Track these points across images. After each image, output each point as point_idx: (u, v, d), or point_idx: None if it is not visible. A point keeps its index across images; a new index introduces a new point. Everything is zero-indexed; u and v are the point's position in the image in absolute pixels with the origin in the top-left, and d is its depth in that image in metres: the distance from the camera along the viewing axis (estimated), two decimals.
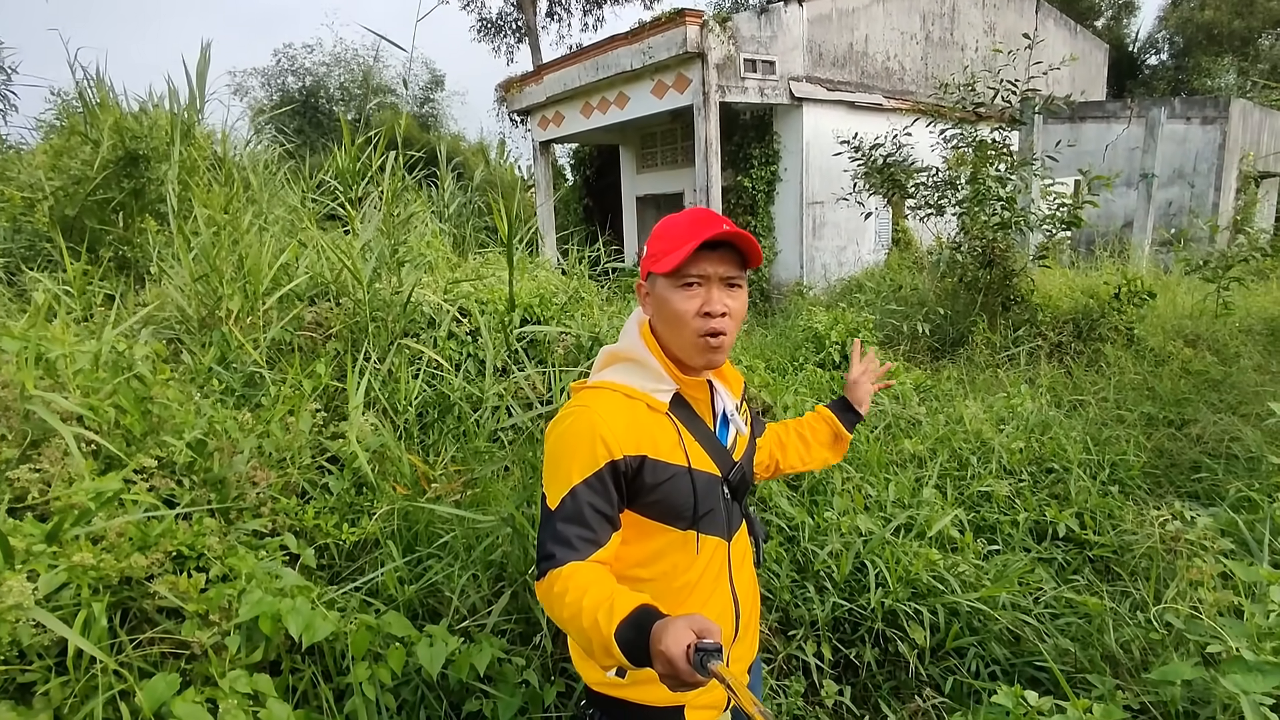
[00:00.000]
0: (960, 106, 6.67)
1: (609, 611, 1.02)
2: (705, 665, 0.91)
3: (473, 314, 3.82)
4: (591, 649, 1.05)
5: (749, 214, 10.58)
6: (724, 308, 1.24)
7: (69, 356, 2.47)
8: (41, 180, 5.36)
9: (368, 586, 2.24)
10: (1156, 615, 2.07)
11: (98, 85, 5.61)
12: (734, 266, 1.26)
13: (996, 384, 4.85)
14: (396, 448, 2.76)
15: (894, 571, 2.49)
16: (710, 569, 1.33)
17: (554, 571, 1.14)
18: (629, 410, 1.25)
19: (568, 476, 1.20)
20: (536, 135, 12.82)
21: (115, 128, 5.15)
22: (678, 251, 1.21)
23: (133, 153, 5.18)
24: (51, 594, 1.82)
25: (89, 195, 5.20)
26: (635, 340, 1.33)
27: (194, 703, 1.66)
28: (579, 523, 1.17)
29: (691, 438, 1.30)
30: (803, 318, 5.44)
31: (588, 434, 1.21)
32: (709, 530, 1.32)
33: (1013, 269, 6.13)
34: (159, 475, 2.36)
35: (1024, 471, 3.53)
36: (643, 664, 0.99)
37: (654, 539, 1.29)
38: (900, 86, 11.27)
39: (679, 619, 0.96)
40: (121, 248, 5.14)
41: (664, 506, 1.26)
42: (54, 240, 5.13)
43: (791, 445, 1.71)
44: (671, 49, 9.14)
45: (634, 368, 1.31)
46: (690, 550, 1.30)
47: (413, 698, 1.95)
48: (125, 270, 5.01)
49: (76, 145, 5.39)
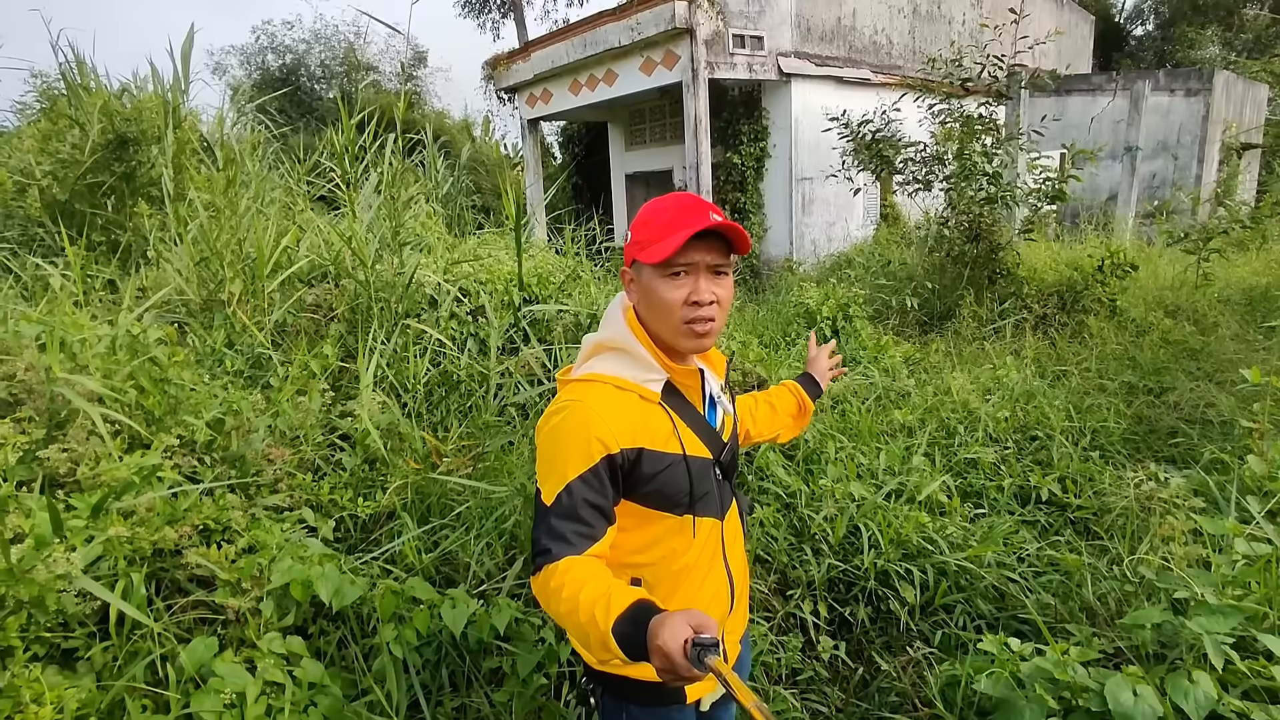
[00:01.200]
0: (947, 81, 6.73)
1: (606, 607, 1.02)
2: (702, 660, 0.91)
3: (473, 294, 3.90)
4: (589, 643, 1.05)
5: (738, 190, 10.64)
6: (712, 296, 1.24)
7: (88, 340, 2.55)
8: (31, 165, 5.33)
9: (385, 556, 2.35)
10: (1129, 568, 2.21)
11: (79, 67, 5.58)
12: (721, 254, 1.25)
13: (983, 356, 4.98)
14: (407, 425, 2.85)
15: (885, 534, 2.62)
16: (706, 549, 1.36)
17: (550, 566, 1.13)
18: (622, 403, 1.25)
19: (563, 472, 1.19)
20: (524, 113, 12.77)
21: (104, 111, 5.13)
22: (666, 241, 1.20)
23: (122, 136, 5.16)
24: (89, 566, 1.92)
25: (79, 179, 5.18)
26: (622, 329, 1.31)
27: (234, 663, 1.77)
28: (574, 518, 1.17)
29: (685, 425, 1.31)
30: (794, 294, 5.54)
31: (582, 429, 1.20)
32: (704, 512, 1.34)
33: (999, 243, 6.25)
34: (180, 453, 2.45)
35: (1009, 439, 3.67)
36: (639, 658, 0.99)
37: (652, 526, 1.30)
38: (888, 62, 11.30)
39: (676, 614, 0.96)
40: (114, 231, 5.15)
41: (662, 495, 1.27)
42: (46, 225, 5.14)
43: (762, 416, 1.75)
44: (660, 25, 9.12)
45: (623, 358, 1.29)
46: (687, 534, 1.32)
47: (434, 657, 2.07)
48: (119, 254, 5.03)
49: (64, 129, 5.36)
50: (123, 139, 5.18)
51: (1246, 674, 1.63)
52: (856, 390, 4.00)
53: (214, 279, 4.00)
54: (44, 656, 1.80)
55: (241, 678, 1.72)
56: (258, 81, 21.49)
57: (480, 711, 2.01)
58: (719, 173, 10.61)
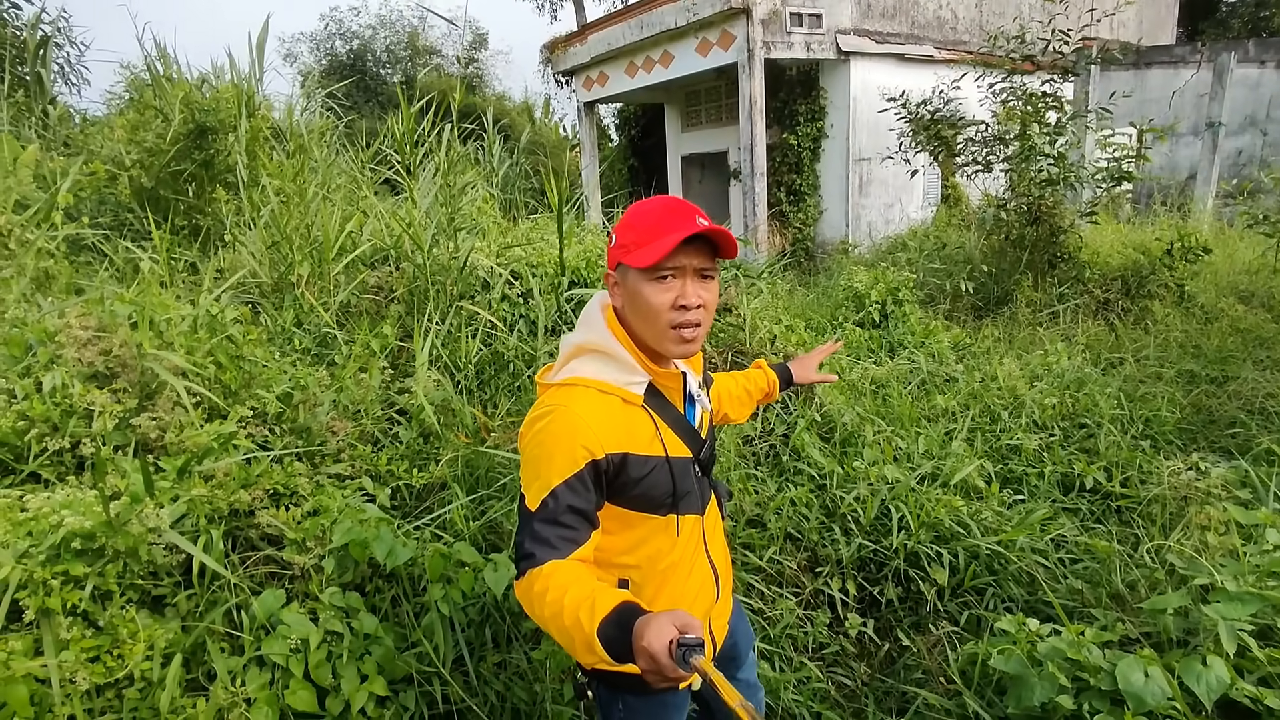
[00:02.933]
0: (1010, 58, 6.53)
1: (590, 610, 1.02)
2: (688, 660, 0.91)
3: (524, 277, 4.05)
4: (574, 646, 1.05)
5: (794, 172, 10.54)
6: (699, 300, 1.24)
7: (172, 320, 2.79)
8: (122, 154, 5.69)
9: (436, 522, 2.52)
10: (1153, 553, 2.21)
11: (163, 59, 5.92)
12: (707, 258, 1.25)
13: (1036, 342, 4.89)
14: (458, 401, 3.02)
15: (916, 516, 2.66)
16: (690, 545, 1.39)
17: (534, 571, 1.13)
18: (606, 407, 1.25)
19: (547, 477, 1.19)
20: (581, 96, 12.87)
21: (185, 101, 5.45)
22: (655, 245, 1.20)
23: (201, 125, 5.47)
24: (175, 523, 2.14)
25: (164, 167, 5.52)
26: (603, 331, 1.30)
27: (299, 613, 1.96)
28: (558, 523, 1.17)
29: (666, 426, 1.32)
30: (843, 277, 5.53)
31: (567, 434, 1.20)
32: (686, 510, 1.36)
33: (1060, 225, 6.07)
34: (254, 424, 2.68)
35: (1055, 426, 3.63)
36: (625, 660, 0.99)
37: (637, 528, 1.32)
38: (952, 38, 10.96)
39: (661, 615, 0.97)
40: (196, 217, 5.49)
41: (646, 497, 1.29)
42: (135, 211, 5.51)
43: (736, 398, 1.79)
44: (716, 5, 9.07)
45: (604, 360, 1.29)
46: (671, 533, 1.34)
47: (478, 617, 2.23)
48: (198, 238, 5.37)
49: (150, 119, 5.72)
50: (202, 128, 5.49)
51: (1263, 661, 1.64)
52: (900, 375, 4.00)
53: (284, 262, 4.25)
54: (137, 601, 2.03)
55: (305, 627, 1.91)
56: (326, 68, 22.20)
57: (519, 668, 2.16)
58: (774, 154, 10.53)
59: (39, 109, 7.46)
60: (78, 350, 2.53)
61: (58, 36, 9.11)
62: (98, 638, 1.83)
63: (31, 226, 3.55)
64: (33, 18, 8.77)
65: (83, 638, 1.81)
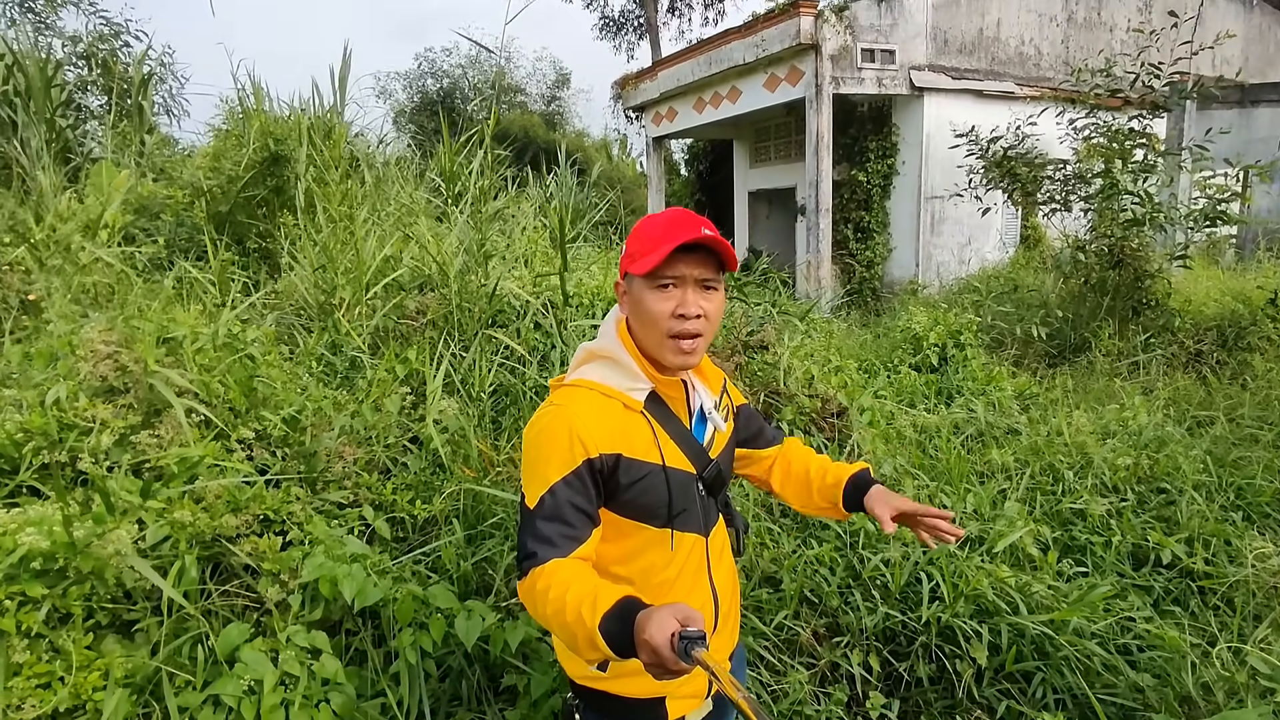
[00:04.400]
0: (1095, 93, 6.15)
1: (593, 605, 1.03)
2: (689, 653, 0.91)
3: (559, 306, 3.95)
4: (576, 643, 1.05)
5: (863, 209, 10.23)
6: (699, 310, 1.24)
7: (191, 336, 2.79)
8: (200, 179, 5.95)
9: (431, 560, 2.40)
10: (1226, 653, 1.86)
11: (255, 92, 6.21)
12: (710, 269, 1.25)
13: (1113, 395, 4.46)
14: (470, 432, 2.91)
15: (951, 584, 2.37)
16: (689, 565, 1.34)
17: (536, 569, 1.14)
18: (604, 408, 1.26)
19: (545, 475, 1.20)
20: (650, 131, 12.95)
21: (261, 130, 5.68)
22: (654, 253, 1.21)
23: (276, 153, 5.68)
24: (157, 544, 2.08)
25: (239, 192, 5.75)
26: (613, 339, 1.33)
27: (259, 651, 1.85)
28: (559, 520, 1.17)
29: (667, 436, 1.30)
30: (901, 318, 5.22)
31: (564, 432, 1.21)
32: (685, 527, 1.32)
33: (1146, 269, 5.60)
34: (257, 446, 2.63)
35: (1129, 490, 3.25)
36: (627, 655, 0.99)
37: (630, 537, 1.29)
38: (1035, 73, 10.51)
39: (663, 608, 0.97)
40: (264, 241, 5.68)
41: (639, 505, 1.27)
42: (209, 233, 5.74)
43: (796, 484, 1.56)
44: (785, 41, 8.98)
45: (611, 366, 1.31)
46: (666, 547, 1.30)
47: (458, 666, 2.08)
48: (267, 261, 5.54)
49: (231, 147, 5.99)
50: (276, 156, 5.70)
51: None
52: (953, 424, 3.68)
53: (328, 285, 4.30)
54: (107, 625, 1.97)
55: (263, 667, 1.80)
56: (417, 104, 23.29)
57: None
58: (842, 190, 10.26)
59: (137, 138, 7.94)
60: (95, 364, 2.55)
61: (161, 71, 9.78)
62: (53, 663, 1.77)
63: (85, 241, 3.70)
64: (139, 55, 9.44)
65: (39, 661, 1.75)
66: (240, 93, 6.25)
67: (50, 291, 3.31)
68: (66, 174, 6.16)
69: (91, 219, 3.97)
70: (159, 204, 6.00)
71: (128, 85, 8.79)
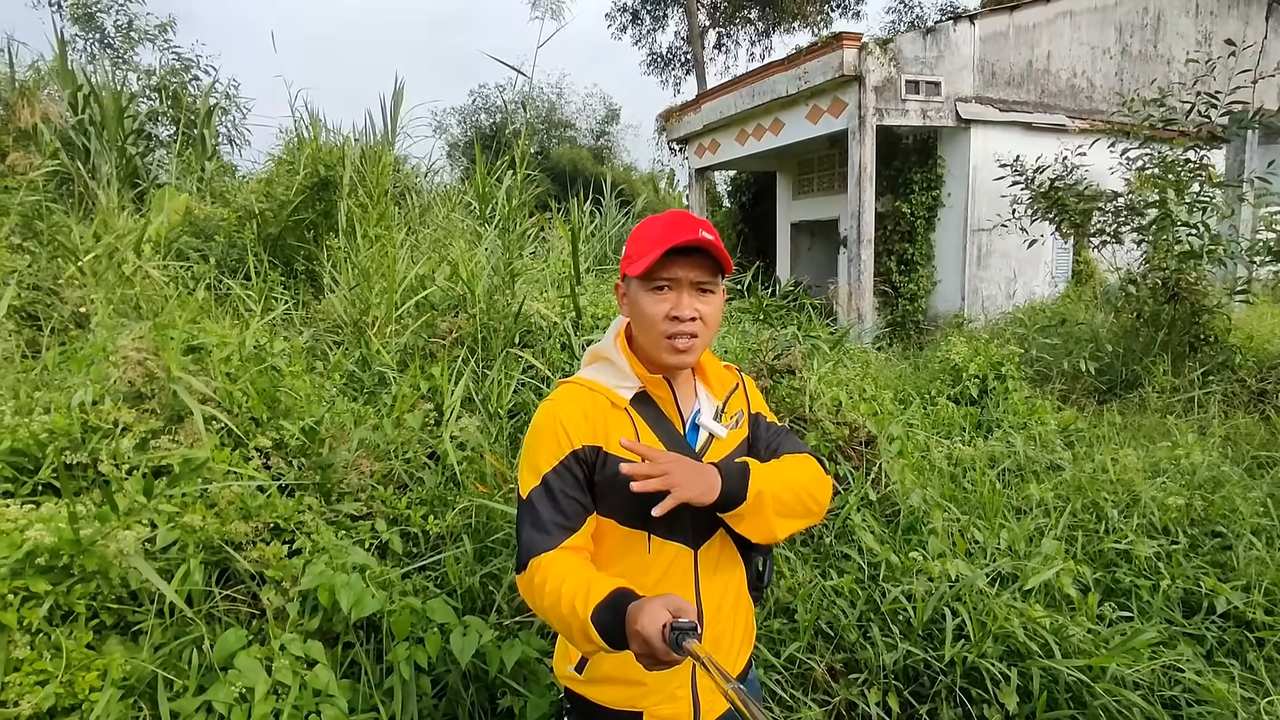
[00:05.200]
0: (1148, 124, 5.96)
1: (585, 596, 1.04)
2: (680, 644, 0.91)
3: (586, 327, 3.94)
4: (571, 634, 1.07)
5: (906, 240, 10.08)
6: (693, 312, 1.24)
7: (219, 346, 2.85)
8: (252, 203, 6.17)
9: (439, 575, 2.36)
10: None
11: (313, 123, 6.45)
12: (706, 272, 1.26)
13: (1165, 433, 4.23)
14: (486, 448, 2.89)
15: (978, 622, 2.23)
16: (672, 575, 1.29)
17: (534, 561, 1.16)
18: (589, 403, 1.27)
19: (537, 465, 1.23)
20: (693, 163, 13.04)
21: (311, 157, 5.88)
22: (649, 255, 1.22)
23: (325, 179, 5.86)
24: (167, 547, 2.10)
25: (289, 216, 5.94)
26: (610, 339, 1.36)
27: (254, 658, 1.83)
28: (552, 508, 1.20)
29: (652, 436, 1.28)
30: (940, 349, 5.07)
31: (552, 425, 1.24)
32: (666, 534, 1.27)
33: (1204, 304, 5.34)
34: (275, 455, 2.65)
35: (1180, 532, 3.04)
36: (620, 646, 1.00)
37: (608, 536, 1.27)
38: (1088, 106, 10.28)
39: (654, 599, 0.97)
40: (310, 263, 5.84)
41: (614, 502, 1.25)
42: (259, 254, 5.94)
43: None
44: (828, 73, 8.98)
45: (606, 365, 1.35)
46: (643, 551, 1.27)
47: (456, 684, 2.02)
48: (312, 282, 5.69)
49: (283, 174, 6.21)
50: (325, 181, 5.89)
51: None
52: (990, 457, 3.53)
53: (363, 304, 4.38)
54: (111, 626, 1.97)
55: (256, 674, 1.78)
56: (471, 138, 24.00)
57: None
58: (885, 222, 10.13)
59: (200, 165, 8.32)
60: (125, 370, 2.61)
61: (225, 103, 10.27)
62: (55, 661, 1.77)
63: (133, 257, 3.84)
64: (206, 87, 9.92)
65: (39, 658, 1.76)
66: (298, 122, 6.50)
67: (95, 301, 3.43)
68: (133, 198, 6.46)
69: (139, 236, 4.12)
70: (213, 225, 6.23)
71: (194, 116, 9.23)
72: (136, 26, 12.49)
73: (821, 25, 22.43)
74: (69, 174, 5.98)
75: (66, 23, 12.28)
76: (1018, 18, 9.73)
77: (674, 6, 23.34)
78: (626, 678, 1.25)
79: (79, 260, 3.62)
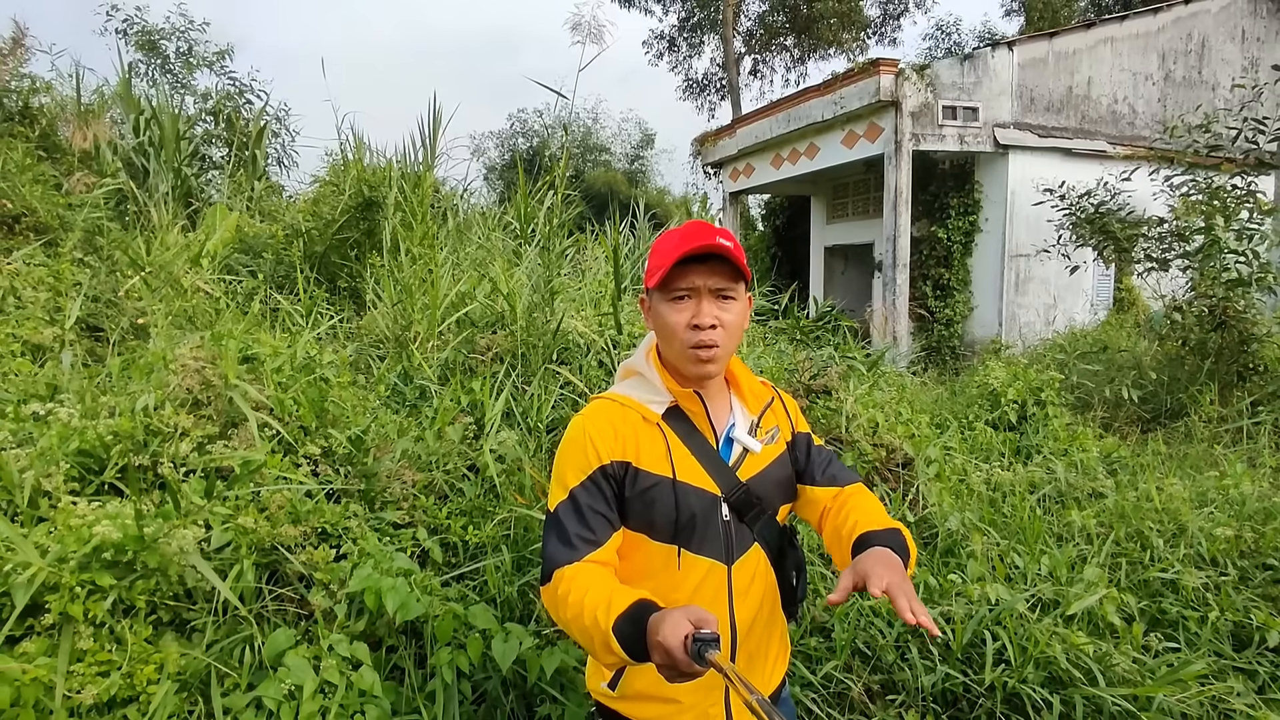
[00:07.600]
0: (1192, 150, 5.88)
1: (607, 607, 1.04)
2: (703, 655, 0.90)
3: (622, 345, 4.00)
4: (593, 646, 1.06)
5: (943, 266, 10.00)
6: (713, 320, 1.23)
7: (272, 356, 2.95)
8: (299, 222, 6.38)
9: (478, 584, 2.40)
10: None
11: (357, 145, 6.67)
12: (725, 279, 1.24)
13: (1213, 463, 4.13)
14: (526, 461, 2.94)
15: (1019, 646, 2.20)
16: (703, 592, 1.26)
17: (557, 573, 1.16)
18: (620, 418, 1.27)
19: (565, 480, 1.23)
20: (727, 187, 13.13)
21: (356, 178, 6.07)
22: (665, 265, 1.22)
23: (369, 199, 6.05)
24: (221, 548, 2.17)
25: (334, 235, 6.13)
26: (641, 354, 1.36)
27: (303, 657, 1.88)
28: (579, 523, 1.19)
29: (685, 450, 1.27)
30: (977, 373, 5.02)
31: (581, 440, 1.25)
32: (699, 550, 1.26)
33: (1253, 333, 5.22)
34: (323, 462, 2.73)
35: (1229, 563, 2.97)
36: (642, 658, 0.99)
37: (638, 552, 1.27)
38: (1130, 132, 10.17)
39: (675, 610, 0.97)
40: (354, 281, 6.01)
41: (645, 517, 1.25)
42: (305, 271, 6.12)
43: (830, 528, 1.34)
44: (864, 98, 9.02)
45: (638, 380, 1.35)
46: (673, 567, 1.25)
47: (496, 690, 2.05)
48: (355, 300, 5.85)
49: (329, 194, 6.42)
50: (369, 201, 6.08)
51: None
52: (1030, 483, 3.48)
53: (405, 319, 4.50)
54: (168, 622, 2.05)
55: (304, 673, 1.83)
56: (508, 162, 24.46)
57: None
58: (921, 247, 10.08)
59: (249, 185, 8.62)
60: (184, 378, 2.72)
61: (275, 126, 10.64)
62: (116, 653, 1.85)
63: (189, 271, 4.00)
64: (258, 111, 10.30)
65: (101, 650, 1.83)
66: (343, 145, 6.73)
67: (153, 313, 3.57)
68: (186, 216, 6.72)
69: (194, 252, 4.29)
70: (262, 243, 6.45)
71: (246, 138, 9.58)
72: (196, 53, 13.02)
73: (857, 52, 22.52)
74: (126, 193, 6.24)
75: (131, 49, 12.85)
76: (1057, 44, 9.70)
77: (710, 34, 23.63)
78: (660, 695, 1.24)
79: (143, 272, 3.78)
